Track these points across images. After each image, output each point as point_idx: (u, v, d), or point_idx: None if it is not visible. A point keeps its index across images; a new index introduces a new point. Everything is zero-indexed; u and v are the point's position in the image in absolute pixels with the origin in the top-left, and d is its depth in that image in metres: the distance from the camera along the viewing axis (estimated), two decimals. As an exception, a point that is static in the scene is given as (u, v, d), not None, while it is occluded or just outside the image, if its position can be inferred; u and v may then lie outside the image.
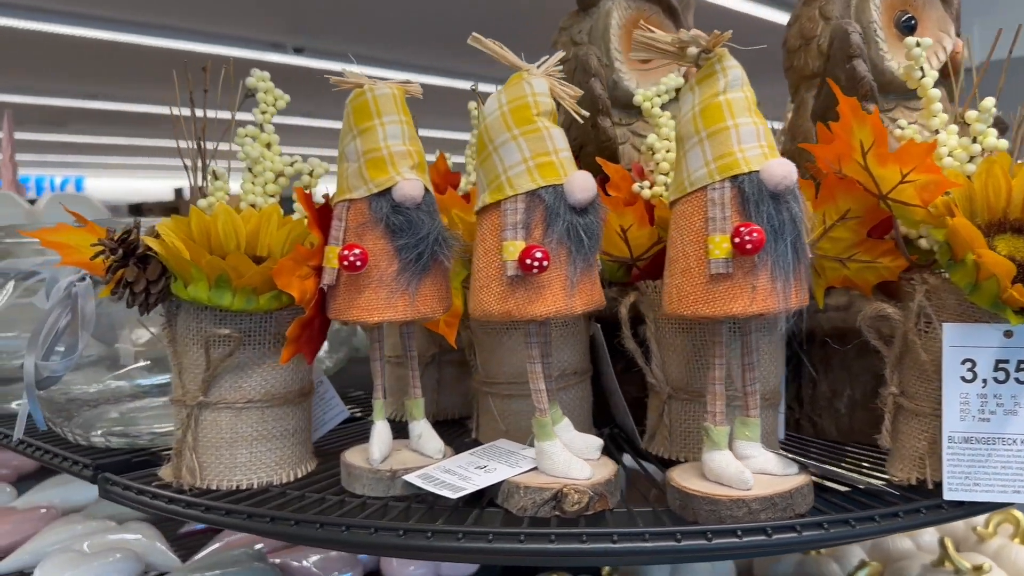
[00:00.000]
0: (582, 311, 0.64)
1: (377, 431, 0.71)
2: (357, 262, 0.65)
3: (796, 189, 0.60)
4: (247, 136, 0.75)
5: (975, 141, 0.66)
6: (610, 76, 0.90)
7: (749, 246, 0.57)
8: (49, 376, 0.81)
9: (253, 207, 0.74)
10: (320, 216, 0.70)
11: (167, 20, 4.93)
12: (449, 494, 0.64)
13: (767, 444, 0.68)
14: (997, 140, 0.65)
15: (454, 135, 2.14)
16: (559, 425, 0.69)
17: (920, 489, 0.67)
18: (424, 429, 0.73)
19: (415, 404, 0.74)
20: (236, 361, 0.70)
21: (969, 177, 0.65)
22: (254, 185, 0.75)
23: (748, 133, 0.61)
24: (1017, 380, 0.63)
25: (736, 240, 0.58)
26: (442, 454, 0.72)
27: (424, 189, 0.68)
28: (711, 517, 0.60)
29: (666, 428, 0.77)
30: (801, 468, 0.65)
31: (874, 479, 0.69)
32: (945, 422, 0.64)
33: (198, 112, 0.74)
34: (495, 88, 0.67)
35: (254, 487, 0.71)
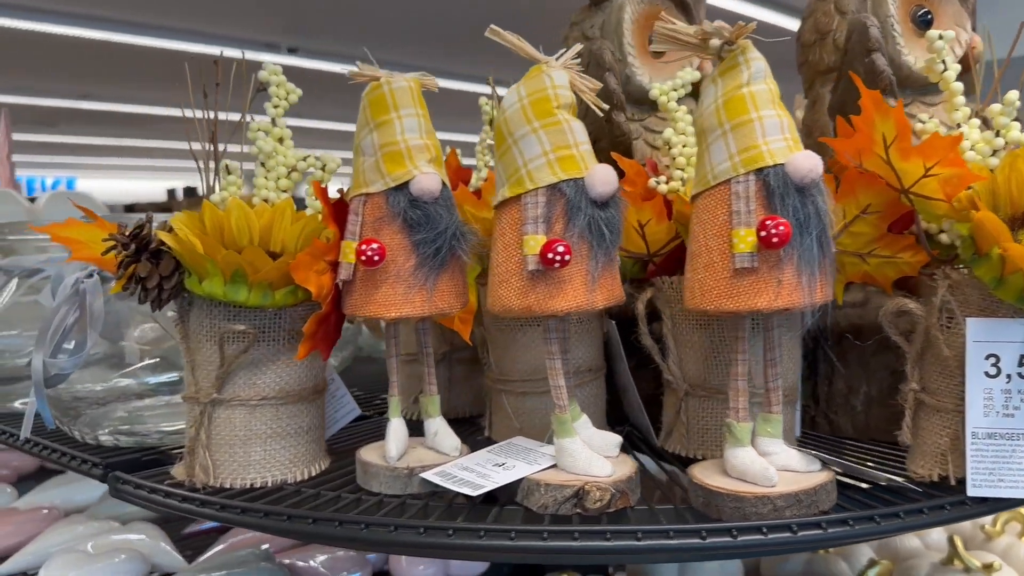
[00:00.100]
0: (603, 306, 0.63)
1: (393, 428, 0.70)
2: (375, 257, 0.64)
3: (821, 182, 0.59)
4: (260, 130, 0.74)
5: (998, 135, 0.65)
6: (623, 71, 0.89)
7: (776, 239, 0.57)
8: (57, 374, 0.80)
9: (266, 202, 0.73)
10: (335, 211, 0.69)
11: (160, 20, 4.91)
12: (469, 491, 0.63)
13: (786, 441, 0.67)
14: (1021, 134, 0.65)
15: (451, 136, 2.13)
16: (578, 422, 0.68)
17: (942, 485, 0.66)
18: (440, 426, 0.73)
19: (431, 401, 0.73)
20: (250, 358, 0.69)
21: (992, 171, 0.64)
22: (267, 180, 0.74)
23: (772, 126, 0.60)
24: (1042, 375, 0.63)
25: (762, 233, 0.57)
26: (459, 451, 0.71)
27: (441, 183, 0.67)
28: (736, 514, 0.59)
29: (683, 425, 0.77)
30: (823, 464, 0.65)
31: (895, 476, 0.69)
32: (969, 418, 0.64)
33: (205, 111, 0.73)
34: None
35: (268, 485, 0.70)
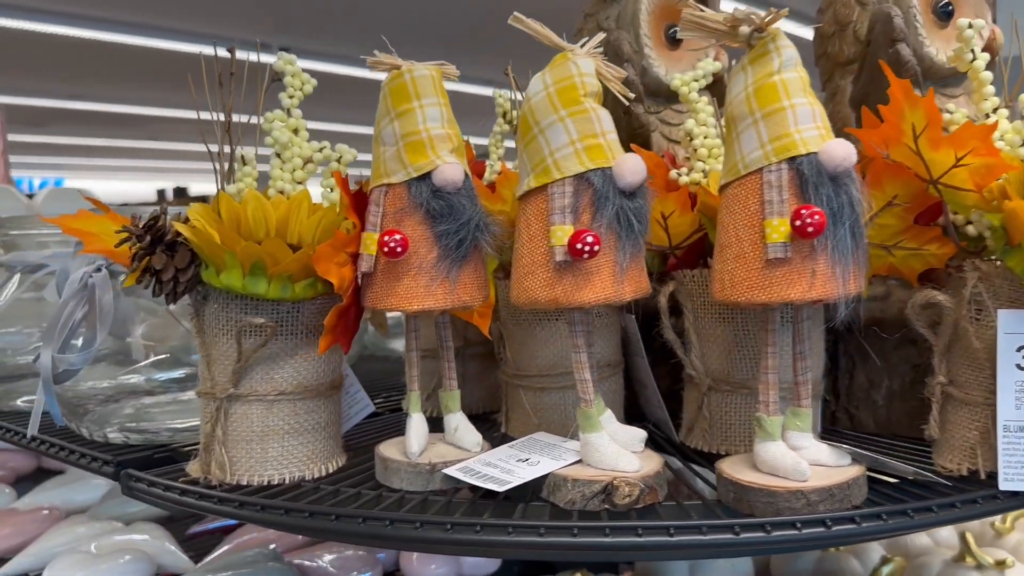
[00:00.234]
0: (631, 298, 0.62)
1: (414, 423, 0.69)
2: (398, 248, 0.63)
3: (853, 171, 0.58)
4: (275, 121, 0.73)
5: (1029, 124, 0.65)
6: (639, 62, 0.88)
7: (811, 229, 0.56)
8: (66, 370, 0.79)
9: (281, 194, 0.72)
10: (355, 202, 0.68)
11: (150, 19, 4.87)
12: (495, 487, 0.62)
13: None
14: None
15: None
16: (602, 417, 0.67)
17: (971, 479, 0.65)
18: (460, 421, 0.71)
19: (451, 396, 0.72)
20: (268, 352, 0.68)
21: (1022, 161, 0.64)
22: (282, 171, 0.72)
23: (804, 114, 0.59)
24: (1076, 367, 0.62)
25: (797, 223, 0.56)
26: (480, 447, 0.70)
27: (464, 173, 0.66)
28: (768, 509, 0.58)
29: (705, 420, 0.76)
30: (853, 459, 0.64)
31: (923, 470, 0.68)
32: (1000, 411, 0.63)
33: (213, 111, 0.71)
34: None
35: (286, 482, 0.69)
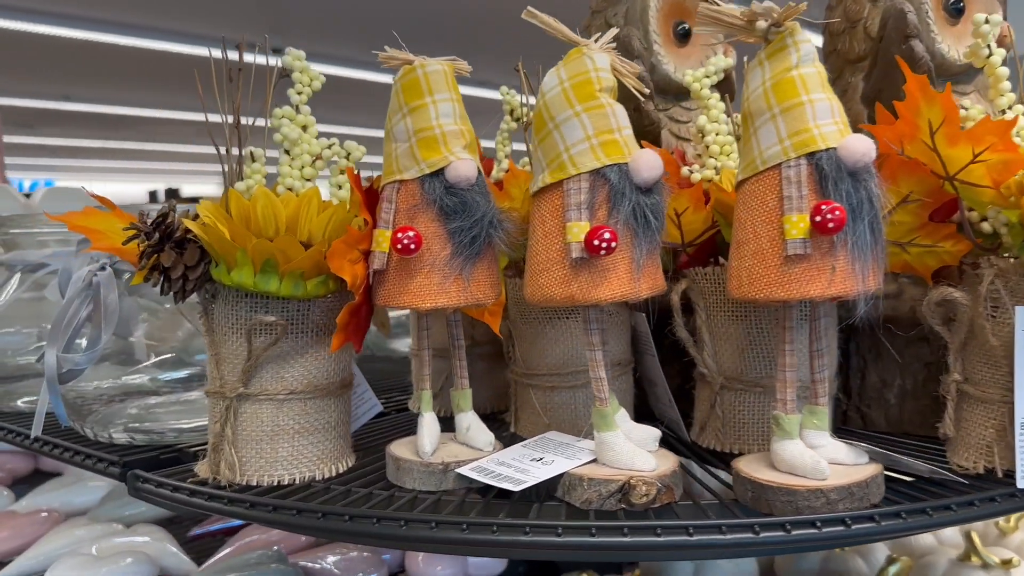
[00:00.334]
0: (647, 295, 0.62)
1: (426, 423, 0.68)
2: (411, 245, 0.62)
3: (872, 167, 0.58)
4: (283, 117, 0.72)
5: (1045, 120, 0.64)
6: (648, 59, 0.87)
7: (831, 225, 0.55)
8: (71, 370, 0.78)
9: (290, 191, 0.71)
10: (366, 199, 0.67)
11: (141, 19, 4.85)
12: (510, 487, 0.61)
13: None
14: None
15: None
16: (616, 415, 0.66)
17: (987, 478, 0.65)
18: (473, 421, 0.71)
19: (463, 395, 0.71)
20: (278, 350, 0.67)
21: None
22: (291, 168, 0.71)
23: (823, 109, 0.59)
24: (1094, 364, 0.62)
25: (817, 219, 0.55)
26: (492, 447, 0.69)
27: (477, 169, 0.65)
28: (788, 508, 0.58)
29: (718, 419, 0.75)
30: (871, 457, 0.63)
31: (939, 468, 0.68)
32: (1017, 408, 0.63)
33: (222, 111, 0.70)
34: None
35: (296, 482, 0.68)
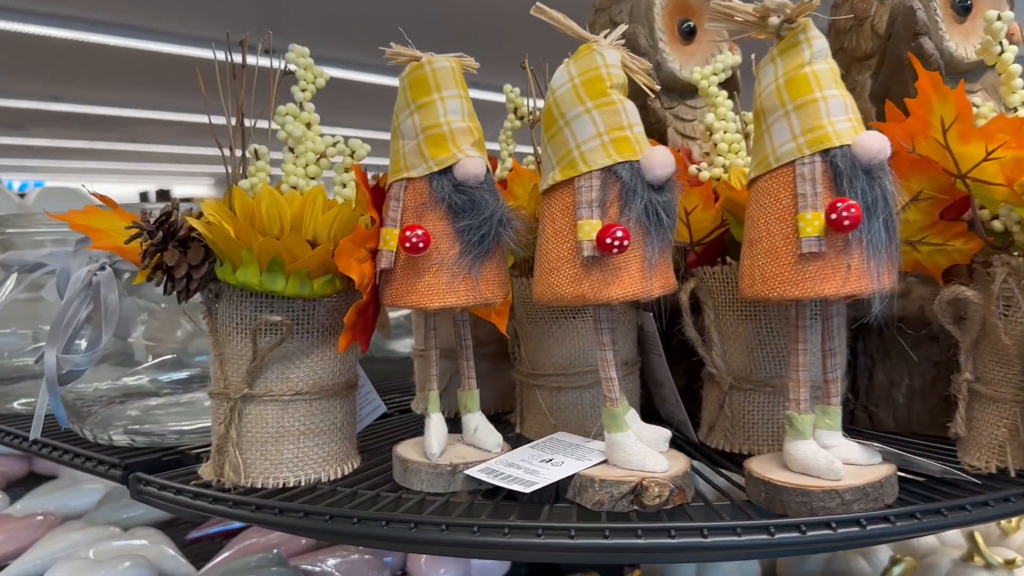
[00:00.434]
0: (659, 294, 0.61)
1: (434, 423, 0.67)
2: (420, 243, 0.62)
3: (887, 164, 0.58)
4: (287, 115, 0.71)
5: (1058, 118, 0.64)
6: (654, 57, 0.87)
7: (847, 222, 0.55)
8: (71, 371, 0.76)
9: (294, 189, 0.70)
10: (373, 197, 0.67)
11: (133, 20, 4.81)
12: (521, 488, 0.60)
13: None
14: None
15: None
16: (627, 416, 0.66)
17: (1000, 477, 0.65)
18: (480, 421, 0.70)
19: (470, 396, 0.71)
20: (283, 351, 0.66)
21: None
22: (295, 166, 0.70)
23: (837, 106, 0.58)
24: (1108, 363, 0.61)
25: (833, 216, 0.55)
26: (500, 448, 0.69)
27: (486, 167, 0.64)
28: (802, 509, 0.57)
29: (727, 419, 0.74)
30: (884, 457, 0.63)
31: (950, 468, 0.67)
32: (1031, 408, 0.62)
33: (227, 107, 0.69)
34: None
35: (301, 484, 0.67)
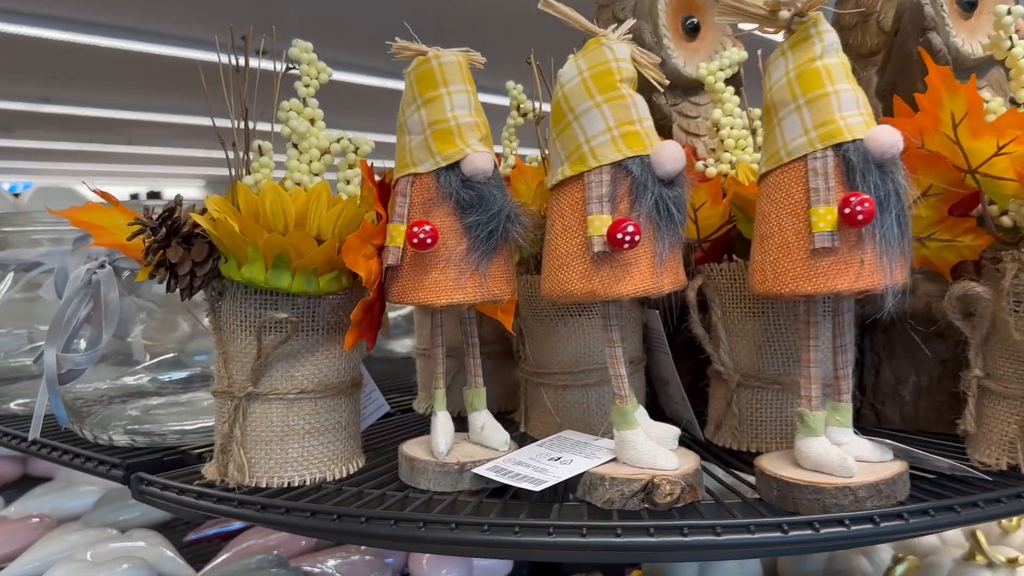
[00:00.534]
0: (670, 290, 0.60)
1: (440, 422, 0.67)
2: (428, 239, 0.61)
3: (899, 159, 0.57)
4: (291, 110, 0.70)
5: (1068, 112, 0.64)
6: (658, 54, 0.86)
7: (861, 217, 0.54)
8: (71, 370, 0.75)
9: (298, 185, 0.69)
10: (380, 193, 0.66)
11: (125, 21, 4.79)
12: (530, 486, 0.59)
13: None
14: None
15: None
16: (635, 413, 0.65)
17: (1011, 474, 0.64)
18: (487, 420, 0.69)
19: (476, 394, 0.70)
20: (288, 349, 0.65)
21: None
22: (299, 162, 0.70)
23: (848, 100, 0.58)
24: (1120, 359, 0.61)
25: (846, 211, 0.54)
26: (508, 446, 0.68)
27: (494, 162, 0.63)
28: (815, 506, 0.57)
29: (735, 417, 0.74)
30: (896, 453, 0.62)
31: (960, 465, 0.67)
32: (1042, 404, 0.62)
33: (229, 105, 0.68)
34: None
35: (306, 484, 0.66)
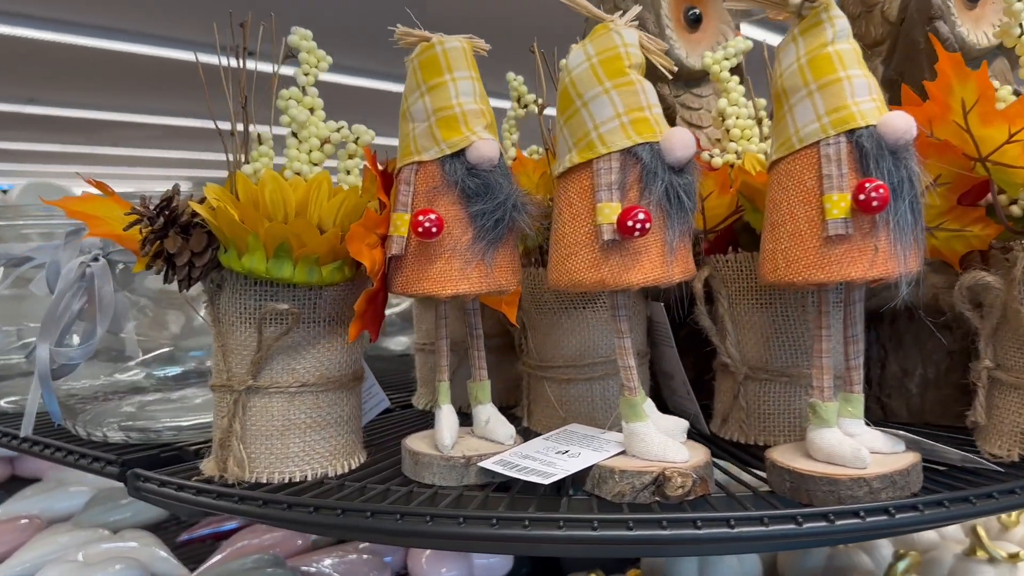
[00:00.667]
0: (680, 279, 0.59)
1: (444, 415, 0.66)
2: (433, 228, 0.60)
3: (912, 145, 0.56)
4: (291, 99, 0.69)
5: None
6: (661, 44, 0.85)
7: (876, 203, 0.53)
8: (64, 365, 0.74)
9: (298, 175, 0.68)
10: (383, 182, 0.65)
11: (111, 21, 4.75)
12: (539, 480, 0.58)
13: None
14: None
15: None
16: (643, 405, 0.64)
17: (1022, 465, 0.64)
18: (492, 413, 0.68)
19: (481, 387, 0.69)
20: (289, 341, 0.64)
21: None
22: (299, 152, 0.68)
23: (861, 86, 0.57)
24: None
25: (861, 197, 0.53)
26: (513, 440, 0.67)
27: (499, 150, 0.62)
28: (829, 498, 0.56)
29: (742, 411, 0.73)
30: (908, 445, 0.61)
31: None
32: (1055, 394, 0.61)
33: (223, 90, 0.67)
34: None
35: (308, 479, 0.65)
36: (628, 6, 0.86)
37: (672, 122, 0.84)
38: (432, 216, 0.60)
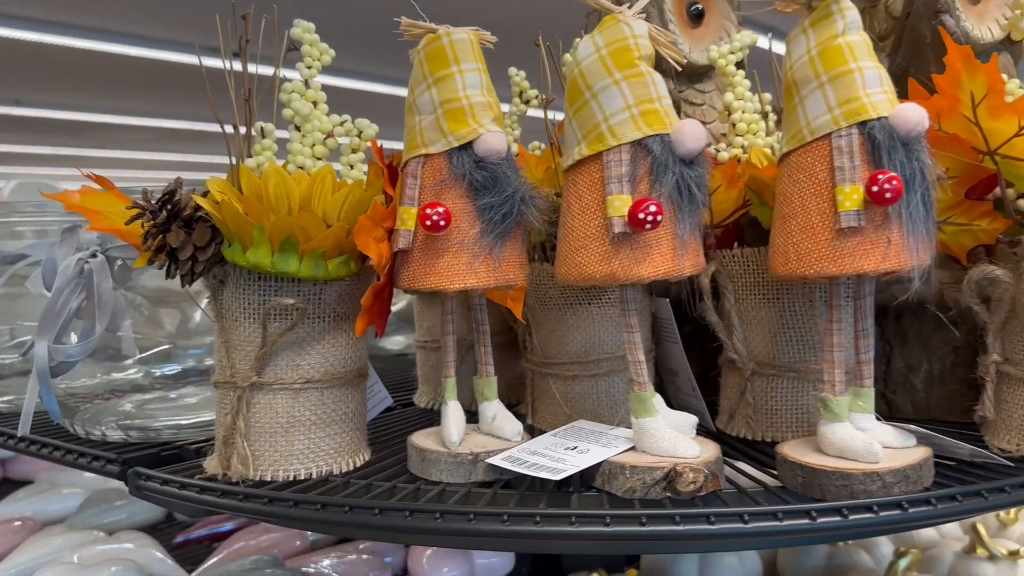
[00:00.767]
0: (690, 273, 0.59)
1: (451, 411, 0.65)
2: (441, 221, 0.59)
3: (924, 137, 0.56)
4: (293, 92, 0.68)
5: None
6: (664, 40, 0.85)
7: (889, 195, 0.53)
8: (63, 362, 0.73)
9: (301, 169, 0.67)
10: (389, 175, 0.64)
11: (99, 22, 4.73)
12: (549, 476, 0.58)
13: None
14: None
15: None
16: (652, 400, 0.63)
17: (1032, 460, 0.63)
18: (499, 410, 0.67)
19: (487, 383, 0.68)
20: (294, 336, 0.63)
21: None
22: (302, 145, 0.67)
23: (872, 77, 0.56)
24: None
25: (874, 189, 0.53)
26: (520, 436, 0.66)
27: (507, 143, 0.62)
28: (842, 493, 0.55)
29: (749, 407, 0.72)
30: (919, 439, 0.61)
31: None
32: (1064, 388, 0.61)
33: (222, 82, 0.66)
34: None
35: (313, 477, 0.64)
36: (632, 2, 0.86)
37: (679, 116, 0.83)
38: (440, 209, 0.59)
